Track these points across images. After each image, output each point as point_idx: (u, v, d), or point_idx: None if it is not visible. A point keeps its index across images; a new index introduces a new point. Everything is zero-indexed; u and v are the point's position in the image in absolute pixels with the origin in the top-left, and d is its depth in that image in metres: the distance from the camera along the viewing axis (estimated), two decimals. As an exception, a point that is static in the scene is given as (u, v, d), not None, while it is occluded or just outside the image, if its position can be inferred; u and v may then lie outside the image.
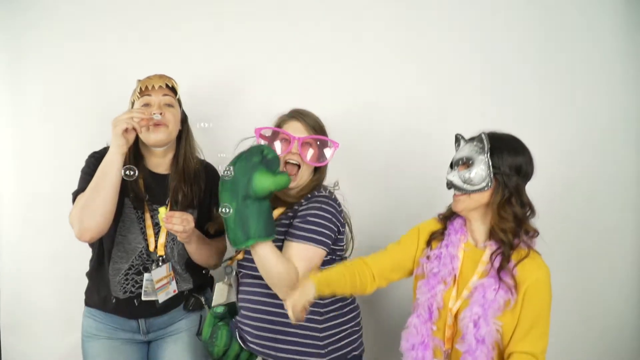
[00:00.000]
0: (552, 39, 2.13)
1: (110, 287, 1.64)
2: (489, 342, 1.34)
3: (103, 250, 1.66)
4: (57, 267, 2.12)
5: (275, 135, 1.60)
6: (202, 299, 1.75)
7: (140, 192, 1.63)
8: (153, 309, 1.66)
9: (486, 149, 1.38)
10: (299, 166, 1.58)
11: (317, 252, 1.50)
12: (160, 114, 1.60)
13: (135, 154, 1.66)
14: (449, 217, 1.54)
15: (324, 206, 1.53)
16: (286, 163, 1.58)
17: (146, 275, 1.64)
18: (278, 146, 1.59)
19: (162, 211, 1.52)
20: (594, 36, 2.12)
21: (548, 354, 2.08)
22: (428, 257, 1.51)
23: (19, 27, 2.06)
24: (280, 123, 1.63)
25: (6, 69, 2.08)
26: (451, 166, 1.48)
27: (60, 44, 2.07)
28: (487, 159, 1.38)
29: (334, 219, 1.54)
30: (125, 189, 1.59)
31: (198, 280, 1.77)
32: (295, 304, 1.29)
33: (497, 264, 1.37)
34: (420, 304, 1.48)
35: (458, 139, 1.52)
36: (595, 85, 2.14)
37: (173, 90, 1.67)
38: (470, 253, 1.46)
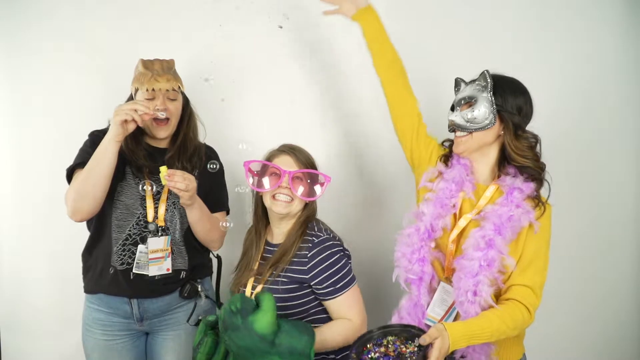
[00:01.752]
0: (551, 37, 2.13)
1: (111, 257, 1.63)
2: (495, 268, 1.33)
3: (101, 220, 1.66)
4: (57, 266, 2.10)
5: (264, 169, 1.59)
6: (198, 287, 1.71)
7: (140, 163, 1.64)
8: (148, 288, 1.64)
9: (489, 86, 1.38)
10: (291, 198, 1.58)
11: (356, 290, 1.57)
12: (165, 109, 1.61)
13: (135, 130, 1.64)
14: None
15: (332, 250, 1.55)
16: (274, 197, 1.57)
17: (140, 247, 1.62)
18: (267, 181, 1.58)
19: (164, 170, 1.51)
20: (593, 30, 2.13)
21: (547, 355, 2.10)
22: (440, 173, 1.50)
23: (19, 26, 2.06)
24: (270, 157, 1.62)
25: (5, 68, 2.08)
26: (452, 108, 1.48)
27: (60, 43, 2.07)
28: (489, 97, 1.38)
29: (344, 255, 1.58)
30: (126, 158, 1.62)
31: (194, 259, 1.73)
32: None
33: (531, 185, 1.38)
34: (424, 220, 1.45)
35: (458, 82, 1.51)
36: (592, 80, 2.14)
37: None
38: (478, 190, 1.46)
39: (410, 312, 1.48)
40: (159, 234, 1.64)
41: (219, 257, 1.83)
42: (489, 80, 1.39)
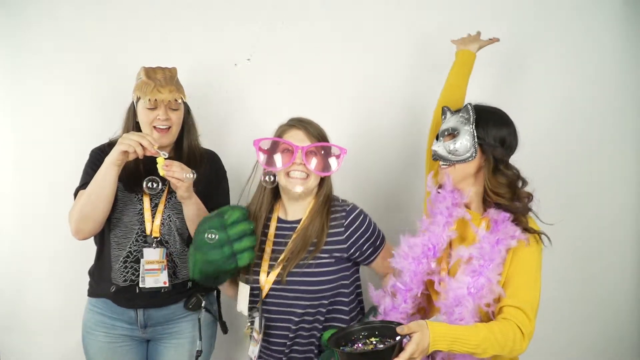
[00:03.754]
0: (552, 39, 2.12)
1: (111, 275, 1.64)
2: (483, 295, 1.32)
3: (102, 239, 1.67)
4: (57, 266, 2.10)
5: (275, 146, 1.53)
6: (203, 301, 1.70)
7: (140, 175, 1.62)
8: (153, 299, 1.64)
9: (471, 119, 1.39)
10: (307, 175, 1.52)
11: (388, 244, 1.62)
12: (167, 119, 1.62)
13: None
14: None
15: (362, 215, 1.57)
16: (288, 174, 1.51)
17: (142, 261, 1.62)
18: (279, 158, 1.52)
19: (161, 161, 1.49)
20: (592, 31, 2.11)
21: (545, 355, 2.09)
22: (441, 188, 1.49)
23: (19, 26, 2.06)
24: (280, 133, 1.56)
25: (5, 68, 2.08)
26: (437, 138, 1.49)
27: (60, 42, 2.07)
28: (472, 130, 1.39)
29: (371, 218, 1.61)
30: (122, 174, 1.59)
31: None
32: None
33: (509, 224, 1.37)
34: (431, 234, 1.45)
35: (445, 111, 1.52)
36: (592, 82, 2.13)
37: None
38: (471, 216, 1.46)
39: (389, 313, 1.46)
40: (154, 245, 1.64)
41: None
42: (471, 113, 1.40)
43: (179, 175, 1.49)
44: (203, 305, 1.69)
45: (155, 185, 1.56)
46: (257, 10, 2.11)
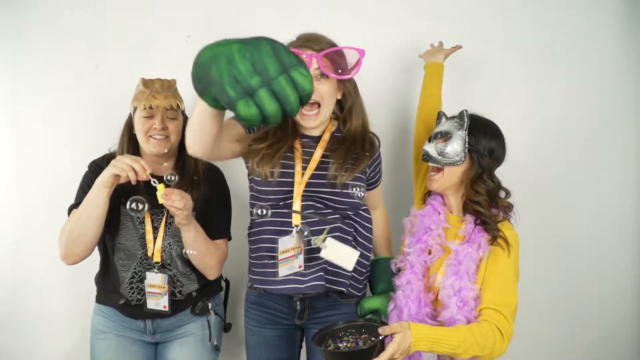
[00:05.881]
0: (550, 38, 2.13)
1: (120, 291, 1.63)
2: (470, 302, 1.38)
3: (106, 259, 1.67)
4: (56, 267, 2.06)
5: None
6: (209, 304, 1.72)
7: (139, 197, 1.56)
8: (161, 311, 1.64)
9: (465, 125, 1.45)
10: (318, 104, 1.44)
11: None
12: (164, 129, 1.59)
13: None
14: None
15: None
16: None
17: (145, 283, 1.62)
18: None
19: (161, 188, 1.46)
20: (592, 33, 2.11)
21: (545, 355, 2.10)
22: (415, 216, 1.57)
23: (19, 28, 2.06)
24: None
25: (5, 68, 2.07)
26: (429, 140, 1.54)
27: (61, 45, 2.06)
28: (464, 135, 1.44)
29: None
30: (120, 195, 1.56)
31: (204, 278, 1.71)
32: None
33: (480, 233, 1.42)
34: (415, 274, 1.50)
35: (440, 115, 1.58)
36: (589, 82, 2.13)
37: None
38: (452, 221, 1.51)
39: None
40: (155, 270, 1.62)
41: (227, 281, 1.87)
42: (465, 119, 1.45)
43: (179, 204, 1.45)
44: (211, 308, 1.71)
45: (141, 206, 1.48)
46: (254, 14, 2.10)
